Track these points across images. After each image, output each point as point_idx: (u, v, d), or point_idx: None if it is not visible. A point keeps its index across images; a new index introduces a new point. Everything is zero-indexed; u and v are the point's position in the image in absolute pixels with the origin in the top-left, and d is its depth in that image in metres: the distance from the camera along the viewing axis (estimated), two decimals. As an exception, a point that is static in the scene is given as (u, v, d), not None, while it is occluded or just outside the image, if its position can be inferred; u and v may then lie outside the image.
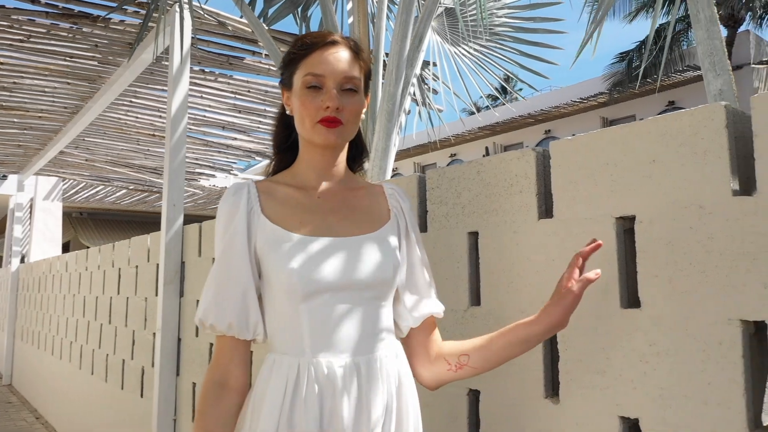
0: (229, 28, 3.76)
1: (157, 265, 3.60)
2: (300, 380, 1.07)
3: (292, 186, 1.20)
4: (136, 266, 4.08)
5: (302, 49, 1.17)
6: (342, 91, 1.14)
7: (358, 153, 1.30)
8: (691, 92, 14.06)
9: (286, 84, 1.22)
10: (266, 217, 1.15)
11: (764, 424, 1.07)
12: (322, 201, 1.19)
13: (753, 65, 13.15)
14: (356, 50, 1.19)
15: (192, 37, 3.54)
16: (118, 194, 12.14)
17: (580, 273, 1.13)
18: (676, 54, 14.37)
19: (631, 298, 1.24)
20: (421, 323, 1.21)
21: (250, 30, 3.74)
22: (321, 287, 1.10)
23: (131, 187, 11.03)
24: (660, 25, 14.86)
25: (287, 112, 1.23)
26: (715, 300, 1.09)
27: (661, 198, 1.18)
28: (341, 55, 1.16)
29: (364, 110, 1.22)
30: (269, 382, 1.09)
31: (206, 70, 4.64)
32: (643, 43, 14.97)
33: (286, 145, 1.27)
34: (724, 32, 13.73)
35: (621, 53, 15.07)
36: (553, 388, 1.37)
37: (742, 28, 14.39)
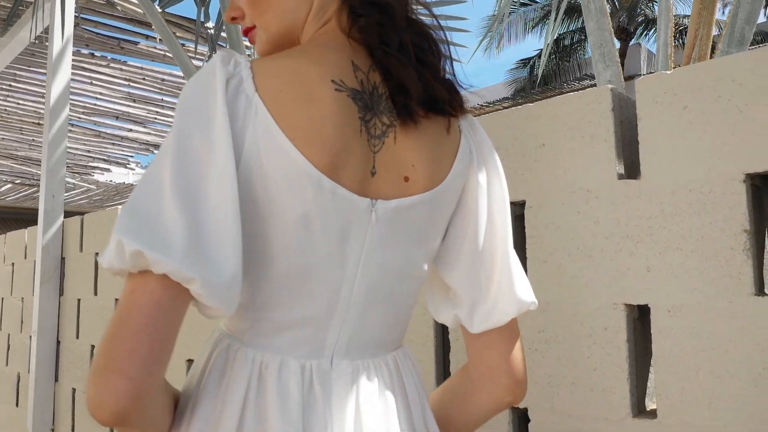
0: (119, 8, 3.52)
1: (35, 262, 3.32)
2: None
3: None
4: (12, 264, 3.76)
5: None
6: None
7: None
8: (588, 99, 14.77)
9: None
10: None
11: (647, 409, 1.07)
12: None
13: (643, 75, 14.00)
14: None
15: (76, 16, 3.27)
16: (1, 189, 11.22)
17: None
18: (574, 63, 15.08)
19: (521, 285, 1.21)
20: None
21: (142, 12, 3.52)
22: None
23: (18, 182, 10.23)
24: (559, 34, 15.56)
25: None
26: (601, 284, 1.08)
27: (550, 182, 1.16)
28: None
29: None
30: None
31: (96, 54, 4.33)
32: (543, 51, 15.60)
33: None
34: (616, 44, 14.54)
35: (522, 59, 15.64)
36: (445, 378, 1.33)
37: (633, 42, 15.33)
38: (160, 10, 3.39)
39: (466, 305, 0.78)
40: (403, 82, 0.70)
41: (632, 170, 1.10)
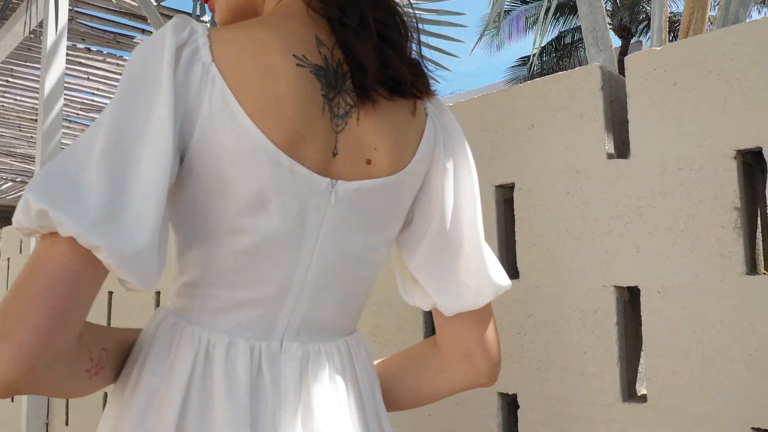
0: (113, 1, 3.50)
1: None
2: None
3: None
4: (8, 259, 3.74)
5: None
6: None
7: None
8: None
9: None
10: None
11: (638, 394, 1.05)
12: None
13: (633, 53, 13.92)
14: None
15: (71, 10, 3.26)
16: (2, 187, 11.22)
17: None
18: (575, 61, 15.06)
19: (510, 270, 1.19)
20: None
21: (137, 5, 3.50)
22: None
23: (18, 179, 10.24)
24: (560, 32, 15.54)
25: None
26: (591, 267, 1.06)
27: (540, 164, 1.14)
28: None
29: None
30: None
31: (92, 49, 4.31)
32: (544, 48, 15.58)
33: None
34: (617, 42, 14.53)
35: (522, 57, 15.62)
36: (433, 367, 1.31)
37: (634, 40, 15.27)
38: (155, 3, 3.37)
39: (433, 289, 0.76)
40: (359, 58, 0.66)
41: (622, 150, 1.08)
